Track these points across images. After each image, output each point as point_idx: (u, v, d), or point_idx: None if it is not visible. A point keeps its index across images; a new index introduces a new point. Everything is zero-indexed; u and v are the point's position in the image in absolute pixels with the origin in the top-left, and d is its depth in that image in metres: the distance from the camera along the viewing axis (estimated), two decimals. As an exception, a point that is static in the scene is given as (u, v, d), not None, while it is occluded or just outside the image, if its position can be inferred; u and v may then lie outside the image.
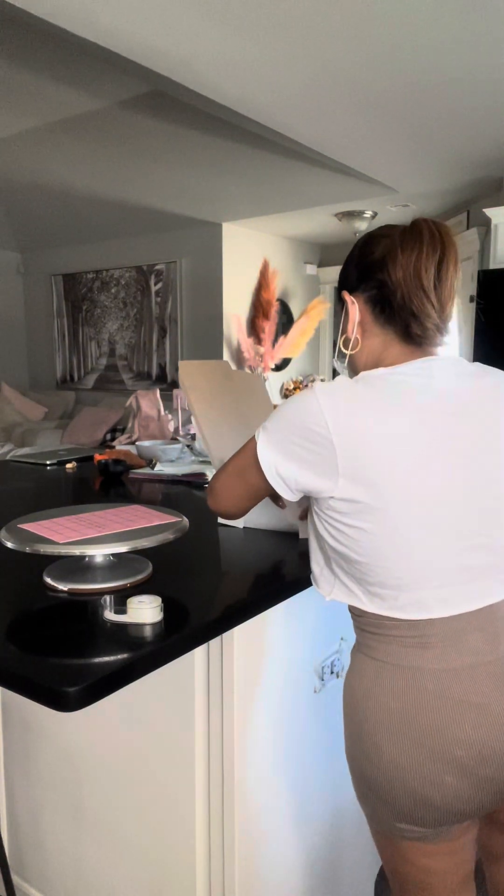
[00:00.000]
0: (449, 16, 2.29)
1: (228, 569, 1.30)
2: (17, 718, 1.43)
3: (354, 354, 1.04)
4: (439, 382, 0.95)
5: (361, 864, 1.55)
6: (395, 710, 0.93)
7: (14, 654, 0.88)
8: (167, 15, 2.26)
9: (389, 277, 0.96)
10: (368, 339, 1.01)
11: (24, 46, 2.77)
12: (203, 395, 1.38)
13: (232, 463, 1.03)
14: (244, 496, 1.04)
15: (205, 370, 1.45)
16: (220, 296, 5.64)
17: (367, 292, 1.00)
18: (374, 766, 0.96)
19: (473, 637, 0.93)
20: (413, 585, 0.92)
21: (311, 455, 0.90)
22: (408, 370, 0.95)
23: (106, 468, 2.14)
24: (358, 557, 0.94)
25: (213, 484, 1.07)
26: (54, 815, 1.41)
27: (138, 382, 6.18)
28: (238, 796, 1.14)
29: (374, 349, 1.01)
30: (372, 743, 0.95)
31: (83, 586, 1.07)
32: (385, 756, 0.94)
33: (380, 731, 0.94)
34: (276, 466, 0.94)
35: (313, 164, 3.98)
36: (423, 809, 0.94)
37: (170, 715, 1.16)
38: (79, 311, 6.54)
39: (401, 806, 0.95)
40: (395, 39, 2.44)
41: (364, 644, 0.99)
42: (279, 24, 2.33)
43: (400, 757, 0.93)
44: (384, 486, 0.88)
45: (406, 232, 0.97)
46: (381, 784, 0.96)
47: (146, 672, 0.88)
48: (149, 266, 5.95)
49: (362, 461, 0.88)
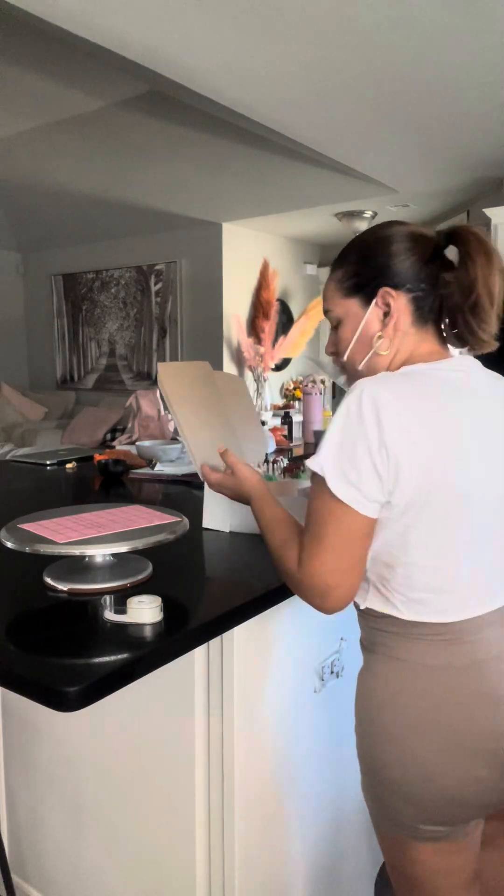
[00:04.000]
0: (449, 16, 2.29)
1: (228, 569, 1.30)
2: (17, 718, 1.43)
3: (352, 358, 1.03)
4: (475, 381, 0.98)
5: (362, 864, 1.55)
6: (424, 709, 0.93)
7: (14, 654, 0.88)
8: (167, 15, 2.26)
9: (463, 278, 0.95)
10: (398, 339, 0.99)
11: (24, 46, 2.77)
12: (184, 399, 1.35)
13: (312, 538, 0.90)
14: (350, 557, 0.89)
15: (186, 372, 1.43)
16: (220, 296, 5.64)
17: (416, 291, 0.98)
18: (404, 768, 0.94)
19: (495, 630, 0.95)
20: (456, 586, 0.93)
21: (373, 463, 0.87)
22: (445, 366, 0.97)
23: (106, 468, 2.14)
24: (407, 560, 0.91)
25: (310, 581, 0.90)
26: (54, 815, 1.40)
27: (138, 382, 6.18)
28: (238, 796, 1.13)
29: (404, 348, 1.00)
30: (401, 746, 0.94)
31: (83, 586, 1.07)
32: (418, 758, 0.93)
33: (409, 733, 0.93)
34: (358, 490, 0.87)
35: (313, 164, 3.98)
36: (455, 807, 0.94)
37: (170, 715, 1.16)
38: (79, 311, 6.54)
39: (431, 807, 0.94)
40: (395, 39, 2.44)
41: (382, 644, 0.98)
42: (279, 24, 2.33)
43: (434, 757, 0.92)
44: (438, 485, 0.88)
45: (466, 235, 0.96)
46: (412, 786, 0.94)
47: (146, 672, 0.88)
48: (149, 266, 5.95)
49: (417, 460, 0.87)
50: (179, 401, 1.33)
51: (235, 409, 1.47)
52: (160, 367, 1.37)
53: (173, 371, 1.39)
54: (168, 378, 1.35)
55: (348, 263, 1.03)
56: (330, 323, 1.08)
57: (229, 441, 1.37)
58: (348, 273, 1.02)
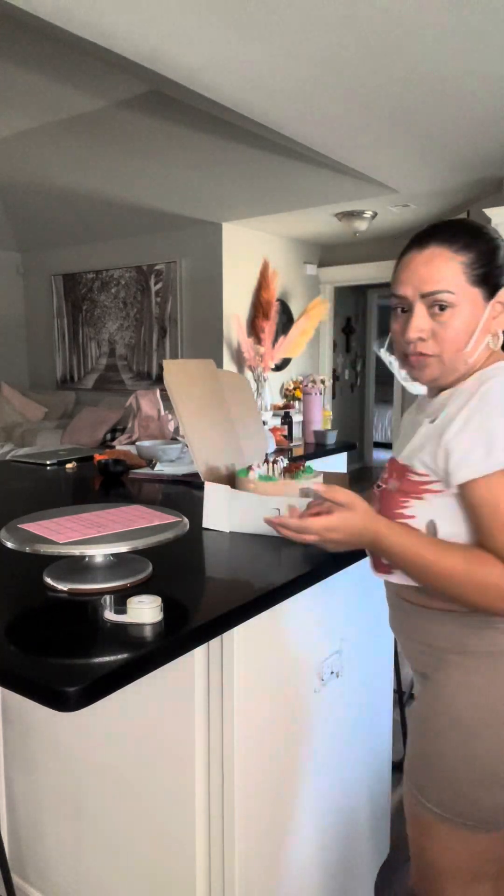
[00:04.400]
0: (449, 16, 2.29)
1: (229, 569, 1.30)
2: (17, 718, 1.43)
3: (468, 352, 1.01)
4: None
5: (362, 864, 1.55)
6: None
7: (14, 654, 0.88)
8: (167, 15, 2.26)
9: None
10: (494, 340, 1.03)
11: (24, 46, 2.77)
12: (188, 396, 1.35)
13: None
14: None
15: (190, 370, 1.43)
16: (220, 296, 5.64)
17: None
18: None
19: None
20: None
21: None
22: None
23: (106, 468, 2.13)
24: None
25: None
26: (54, 815, 1.40)
27: (138, 382, 6.18)
28: (237, 796, 1.13)
29: (487, 348, 1.03)
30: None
31: (83, 586, 1.07)
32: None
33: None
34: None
35: (313, 164, 3.98)
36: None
37: (170, 715, 1.16)
38: (79, 311, 6.54)
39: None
40: (396, 39, 2.44)
41: (463, 643, 1.01)
42: (279, 23, 2.33)
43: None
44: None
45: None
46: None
47: (146, 672, 0.88)
48: (149, 266, 5.95)
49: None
50: (183, 398, 1.33)
51: (238, 407, 1.47)
52: (165, 364, 1.37)
53: (178, 368, 1.39)
54: (173, 375, 1.35)
55: (480, 252, 1.00)
56: (422, 305, 1.01)
57: (230, 439, 1.36)
58: (481, 260, 1.00)
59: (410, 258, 1.02)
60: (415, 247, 1.02)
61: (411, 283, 1.01)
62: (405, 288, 1.02)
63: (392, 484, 1.07)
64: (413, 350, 1.02)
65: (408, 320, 1.01)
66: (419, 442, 1.04)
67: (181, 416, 1.29)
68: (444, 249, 0.99)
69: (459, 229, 1.01)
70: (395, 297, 1.04)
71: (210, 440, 1.30)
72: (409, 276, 1.01)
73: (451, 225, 1.03)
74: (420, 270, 1.00)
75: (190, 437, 1.27)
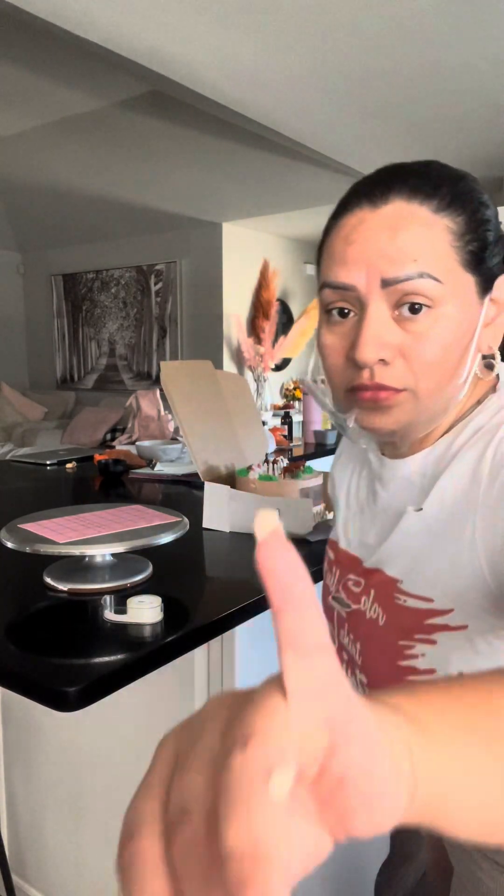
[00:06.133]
0: (449, 16, 2.29)
1: (229, 569, 1.30)
2: (17, 718, 1.43)
3: (459, 383, 0.65)
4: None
5: (363, 864, 1.55)
6: None
7: (14, 654, 0.88)
8: (167, 15, 2.26)
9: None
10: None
11: (24, 46, 2.77)
12: (186, 397, 1.35)
13: None
14: None
15: (188, 371, 1.43)
16: (220, 296, 5.64)
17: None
18: None
19: None
20: None
21: None
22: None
23: (106, 468, 2.13)
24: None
25: None
26: (54, 815, 1.40)
27: (138, 382, 6.18)
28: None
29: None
30: None
31: (83, 586, 1.07)
32: None
33: None
34: None
35: (313, 164, 3.98)
36: None
37: (170, 715, 1.16)
38: (79, 311, 6.54)
39: None
40: (395, 39, 2.44)
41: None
42: (279, 23, 2.33)
43: None
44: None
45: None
46: None
47: (146, 672, 0.88)
48: (149, 266, 5.95)
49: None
50: (181, 399, 1.33)
51: (237, 408, 1.47)
52: (163, 366, 1.37)
53: (176, 370, 1.39)
54: (171, 377, 1.35)
55: (473, 213, 0.61)
56: (383, 303, 0.59)
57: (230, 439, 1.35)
58: (474, 226, 0.60)
59: (358, 220, 0.60)
60: (364, 200, 0.61)
61: (364, 264, 0.59)
62: (351, 272, 0.60)
63: (366, 603, 0.70)
64: (369, 381, 0.60)
65: (357, 330, 0.60)
66: (408, 546, 0.66)
67: (179, 417, 1.29)
68: (419, 206, 0.59)
69: (439, 175, 0.61)
70: (331, 289, 0.63)
71: (209, 440, 1.30)
72: (360, 252, 0.59)
73: (423, 170, 0.62)
74: (380, 241, 0.58)
75: (189, 437, 1.27)
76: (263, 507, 1.22)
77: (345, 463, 0.85)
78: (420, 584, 0.64)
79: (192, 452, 1.40)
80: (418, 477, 0.67)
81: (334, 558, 0.80)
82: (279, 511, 1.33)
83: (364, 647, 0.70)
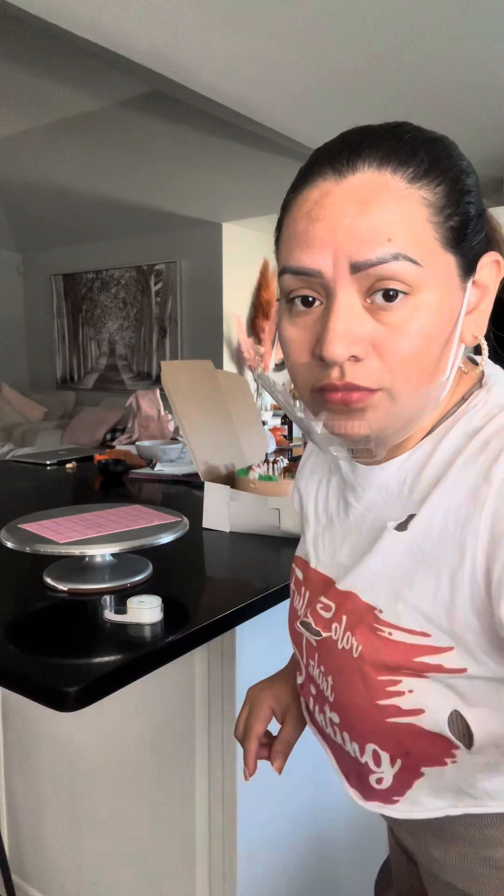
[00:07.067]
0: (449, 16, 2.29)
1: (229, 569, 1.30)
2: (17, 718, 1.43)
3: (442, 380, 0.57)
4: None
5: (363, 864, 1.55)
6: None
7: (14, 654, 0.88)
8: (167, 15, 2.26)
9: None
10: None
11: (24, 46, 2.77)
12: (186, 397, 1.35)
13: None
14: None
15: (188, 371, 1.43)
16: (220, 296, 5.64)
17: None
18: None
19: None
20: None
21: None
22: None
23: (106, 468, 2.13)
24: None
25: None
26: (54, 815, 1.40)
27: (138, 382, 6.18)
28: (239, 796, 1.13)
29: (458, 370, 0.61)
30: None
31: (83, 586, 1.07)
32: None
33: None
34: None
35: (313, 164, 3.98)
36: None
37: (170, 715, 1.16)
38: (79, 311, 6.54)
39: None
40: (396, 39, 2.44)
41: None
42: (279, 24, 2.33)
43: None
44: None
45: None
46: None
47: (146, 672, 0.88)
48: (149, 266, 5.95)
49: None
50: (182, 399, 1.32)
51: (237, 408, 1.46)
52: (163, 366, 1.37)
53: (176, 369, 1.39)
54: (171, 376, 1.35)
55: (454, 182, 0.54)
56: (352, 290, 0.52)
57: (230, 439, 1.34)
58: (454, 198, 0.53)
59: (322, 194, 0.53)
60: (328, 170, 0.53)
61: (330, 246, 0.51)
62: (316, 255, 0.52)
63: (337, 631, 0.62)
64: (338, 380, 0.53)
65: (323, 323, 0.52)
66: (388, 571, 0.58)
67: (179, 417, 1.29)
68: (392, 175, 0.51)
69: (413, 138, 0.53)
70: (293, 275, 0.55)
71: (209, 440, 1.30)
72: (325, 231, 0.51)
73: (395, 131, 0.54)
74: (348, 218, 0.51)
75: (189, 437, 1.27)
76: (263, 507, 1.22)
77: (311, 472, 0.75)
78: (405, 615, 0.56)
79: (192, 452, 1.40)
80: (396, 485, 0.59)
81: (303, 578, 0.71)
82: (279, 511, 1.34)
83: (336, 681, 0.62)
